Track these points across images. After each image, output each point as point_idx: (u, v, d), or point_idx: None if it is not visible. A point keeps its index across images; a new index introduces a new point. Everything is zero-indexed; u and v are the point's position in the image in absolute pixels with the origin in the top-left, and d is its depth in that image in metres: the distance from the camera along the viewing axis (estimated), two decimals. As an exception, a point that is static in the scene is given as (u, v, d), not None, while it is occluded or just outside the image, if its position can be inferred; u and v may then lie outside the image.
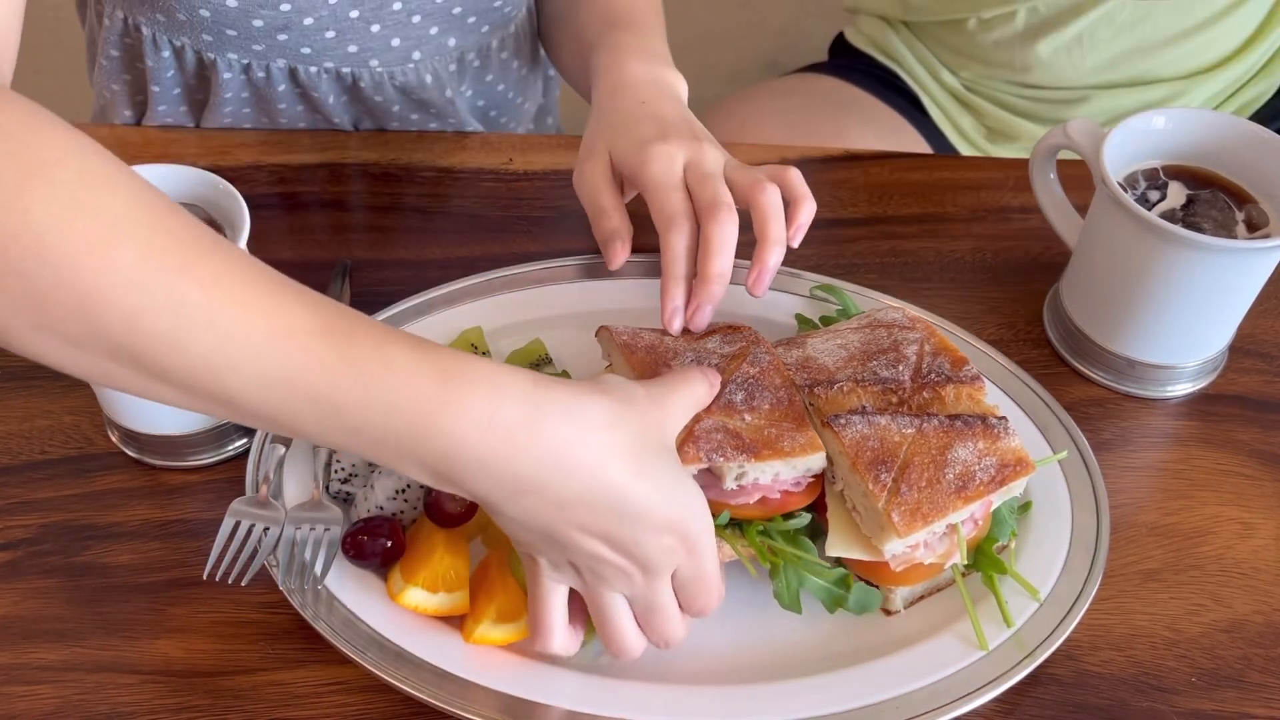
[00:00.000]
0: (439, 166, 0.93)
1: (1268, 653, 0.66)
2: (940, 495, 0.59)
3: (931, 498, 0.59)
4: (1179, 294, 0.74)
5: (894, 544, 0.60)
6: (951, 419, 0.61)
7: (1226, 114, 0.77)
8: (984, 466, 0.60)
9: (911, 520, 0.58)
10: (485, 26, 0.95)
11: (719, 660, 0.64)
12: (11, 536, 0.68)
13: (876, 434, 0.60)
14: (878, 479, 0.59)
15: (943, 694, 0.61)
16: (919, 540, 0.60)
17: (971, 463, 0.60)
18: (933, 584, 0.66)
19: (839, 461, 0.61)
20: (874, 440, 0.60)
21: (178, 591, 0.66)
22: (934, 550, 0.62)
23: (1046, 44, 1.14)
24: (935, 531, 0.60)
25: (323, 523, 0.66)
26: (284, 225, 0.87)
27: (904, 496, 0.59)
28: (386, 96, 0.94)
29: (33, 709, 0.61)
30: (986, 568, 0.64)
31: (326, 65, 0.90)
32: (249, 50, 0.89)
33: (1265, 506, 0.73)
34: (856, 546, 0.61)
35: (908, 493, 0.59)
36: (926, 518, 0.59)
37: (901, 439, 0.60)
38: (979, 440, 0.60)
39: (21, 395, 0.75)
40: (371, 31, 0.89)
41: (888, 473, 0.59)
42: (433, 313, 0.78)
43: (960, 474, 0.60)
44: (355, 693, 0.62)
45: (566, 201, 0.90)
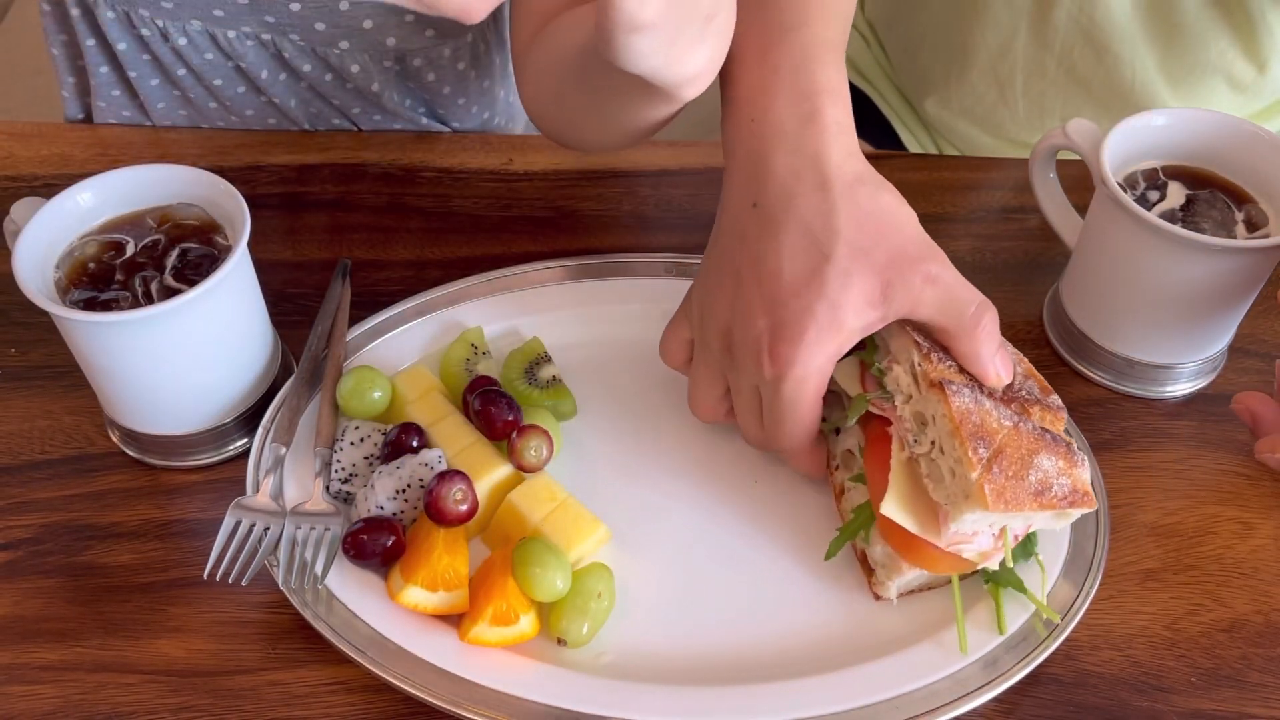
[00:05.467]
0: (439, 166, 0.93)
1: (1267, 652, 0.66)
2: (1022, 491, 0.59)
3: (1015, 490, 0.59)
4: (1179, 294, 0.74)
5: (972, 517, 0.59)
6: (1042, 430, 0.62)
7: (1226, 114, 0.77)
8: (1060, 483, 0.60)
9: (998, 500, 0.58)
10: (429, 30, 0.92)
11: (719, 660, 0.64)
12: (11, 536, 0.68)
13: (980, 412, 0.60)
14: (976, 451, 0.59)
15: (942, 694, 0.61)
16: (987, 525, 0.61)
17: (1051, 475, 0.60)
18: (930, 580, 0.66)
19: (939, 425, 0.61)
20: (976, 417, 0.60)
21: (178, 591, 0.66)
22: (981, 545, 0.62)
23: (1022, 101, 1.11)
24: (1003, 523, 0.61)
25: (323, 522, 0.66)
26: (284, 225, 0.87)
27: (995, 476, 0.58)
28: (316, 68, 0.92)
29: (33, 709, 0.61)
30: (1002, 581, 0.65)
31: (244, 29, 0.89)
32: (158, 6, 0.87)
33: (1265, 506, 0.73)
34: (912, 516, 0.61)
35: (999, 475, 0.59)
36: (1009, 504, 0.59)
37: (999, 427, 0.60)
38: (1060, 459, 0.61)
39: (21, 395, 0.75)
40: (291, 9, 0.88)
41: (986, 449, 0.59)
42: (433, 313, 0.78)
43: (1040, 480, 0.60)
44: (355, 692, 0.62)
45: (567, 201, 0.90)
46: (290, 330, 0.77)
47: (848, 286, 0.60)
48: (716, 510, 0.70)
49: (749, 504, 0.71)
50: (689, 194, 0.91)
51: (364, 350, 0.75)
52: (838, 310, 0.60)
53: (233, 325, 0.69)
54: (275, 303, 0.75)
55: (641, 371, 0.77)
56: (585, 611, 0.63)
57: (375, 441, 0.69)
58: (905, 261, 0.60)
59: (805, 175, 0.61)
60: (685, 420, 0.74)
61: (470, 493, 0.65)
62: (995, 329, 0.62)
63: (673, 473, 0.72)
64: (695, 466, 0.72)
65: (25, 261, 0.64)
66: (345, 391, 0.71)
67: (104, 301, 0.66)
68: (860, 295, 0.60)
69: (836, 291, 0.60)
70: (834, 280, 0.60)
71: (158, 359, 0.66)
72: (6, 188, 0.89)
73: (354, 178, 0.91)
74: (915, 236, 0.62)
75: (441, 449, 0.68)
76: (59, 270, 0.67)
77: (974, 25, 1.06)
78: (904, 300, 0.61)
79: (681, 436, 0.74)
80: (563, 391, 0.74)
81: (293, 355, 0.76)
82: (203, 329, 0.66)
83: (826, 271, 0.60)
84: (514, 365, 0.74)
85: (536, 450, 0.67)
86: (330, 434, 0.70)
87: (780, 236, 0.61)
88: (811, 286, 0.60)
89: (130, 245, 0.68)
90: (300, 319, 0.78)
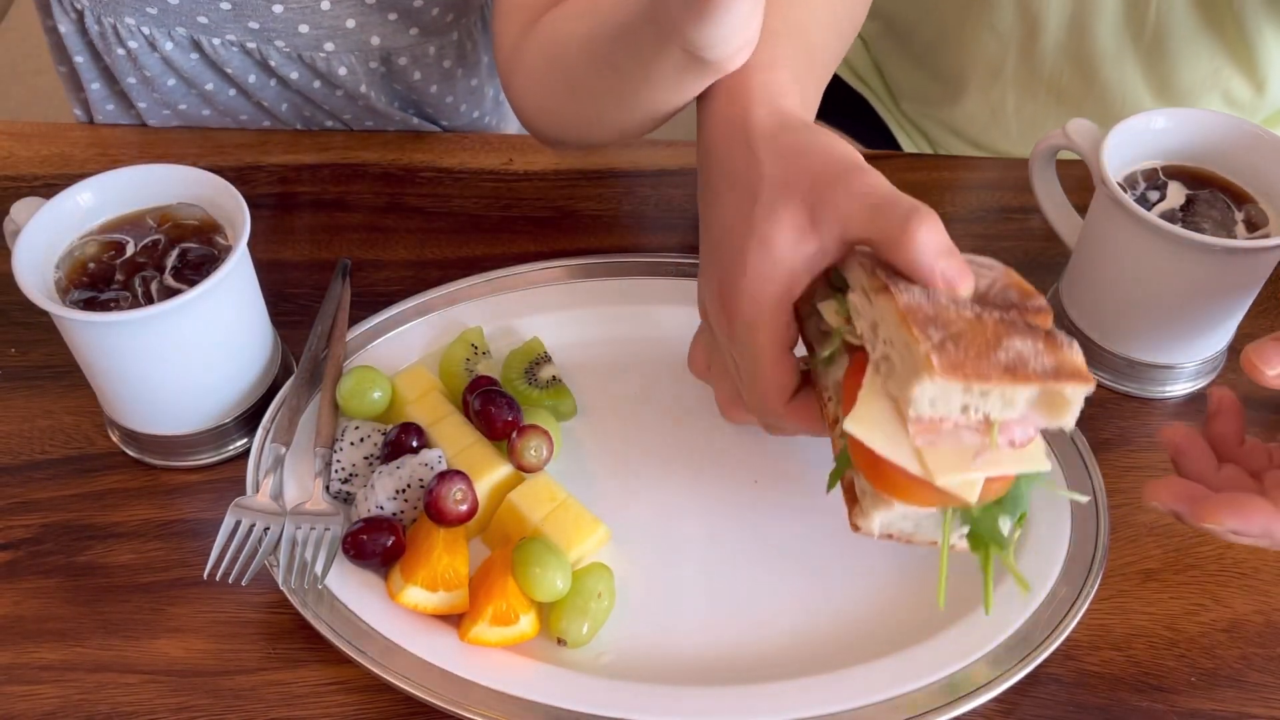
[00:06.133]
0: (439, 166, 0.93)
1: (1267, 652, 0.66)
2: (986, 364, 0.51)
3: (977, 363, 0.51)
4: (1179, 294, 0.74)
5: (927, 391, 0.51)
6: (1019, 322, 0.54)
7: (1226, 114, 0.77)
8: (1040, 361, 0.52)
9: (952, 369, 0.50)
10: (414, 29, 0.92)
11: (719, 660, 0.64)
12: (11, 536, 0.68)
13: (933, 306, 0.53)
14: (925, 332, 0.52)
15: (943, 694, 0.61)
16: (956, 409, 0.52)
17: (1027, 355, 0.52)
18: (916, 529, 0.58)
19: (886, 323, 0.54)
20: (929, 309, 0.53)
21: (178, 591, 0.66)
22: (960, 437, 0.54)
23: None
24: (971, 402, 0.52)
25: (323, 522, 0.66)
26: (284, 225, 0.87)
27: (948, 351, 0.51)
28: (303, 75, 0.92)
29: (33, 709, 0.61)
30: (982, 540, 0.57)
31: (229, 39, 0.89)
32: (144, 14, 0.87)
33: (1265, 506, 0.73)
34: (879, 429, 0.54)
35: (954, 351, 0.51)
36: (968, 374, 0.51)
37: (958, 318, 0.53)
38: (1039, 342, 0.53)
39: (21, 395, 0.75)
40: (274, 12, 0.88)
41: (938, 331, 0.52)
42: (432, 313, 0.78)
43: (1013, 359, 0.52)
44: (355, 692, 0.62)
45: (566, 201, 0.90)
46: (290, 330, 0.77)
47: (775, 220, 0.57)
48: (716, 510, 0.70)
49: (749, 504, 0.71)
50: (689, 194, 0.91)
51: (364, 350, 0.75)
52: (770, 247, 0.57)
53: (233, 325, 0.69)
54: (275, 303, 0.75)
55: (641, 371, 0.77)
56: (585, 611, 0.63)
57: (375, 441, 0.69)
58: (828, 181, 0.57)
59: (734, 141, 0.61)
60: (685, 420, 0.74)
61: (470, 493, 0.65)
62: (934, 235, 0.55)
63: (673, 473, 0.72)
64: (695, 466, 0.72)
65: (25, 261, 0.64)
66: (345, 391, 0.71)
67: (104, 301, 0.66)
68: (790, 227, 0.57)
69: (765, 228, 0.57)
70: (761, 218, 0.58)
71: (158, 359, 0.66)
72: (6, 188, 0.89)
73: (354, 177, 0.91)
74: (841, 156, 0.58)
75: (441, 449, 0.68)
76: (59, 270, 0.67)
77: (964, 51, 1.06)
78: (833, 221, 0.57)
79: (681, 436, 0.74)
80: (563, 391, 0.74)
81: (293, 355, 0.76)
82: (203, 329, 0.66)
83: (754, 212, 0.58)
84: (514, 365, 0.74)
85: (536, 450, 0.68)
86: (330, 434, 0.70)
87: (719, 201, 0.61)
88: (740, 230, 0.58)
89: (130, 245, 0.68)
90: (300, 319, 0.78)
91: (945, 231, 0.55)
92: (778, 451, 0.73)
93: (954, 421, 0.53)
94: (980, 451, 0.54)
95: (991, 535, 0.57)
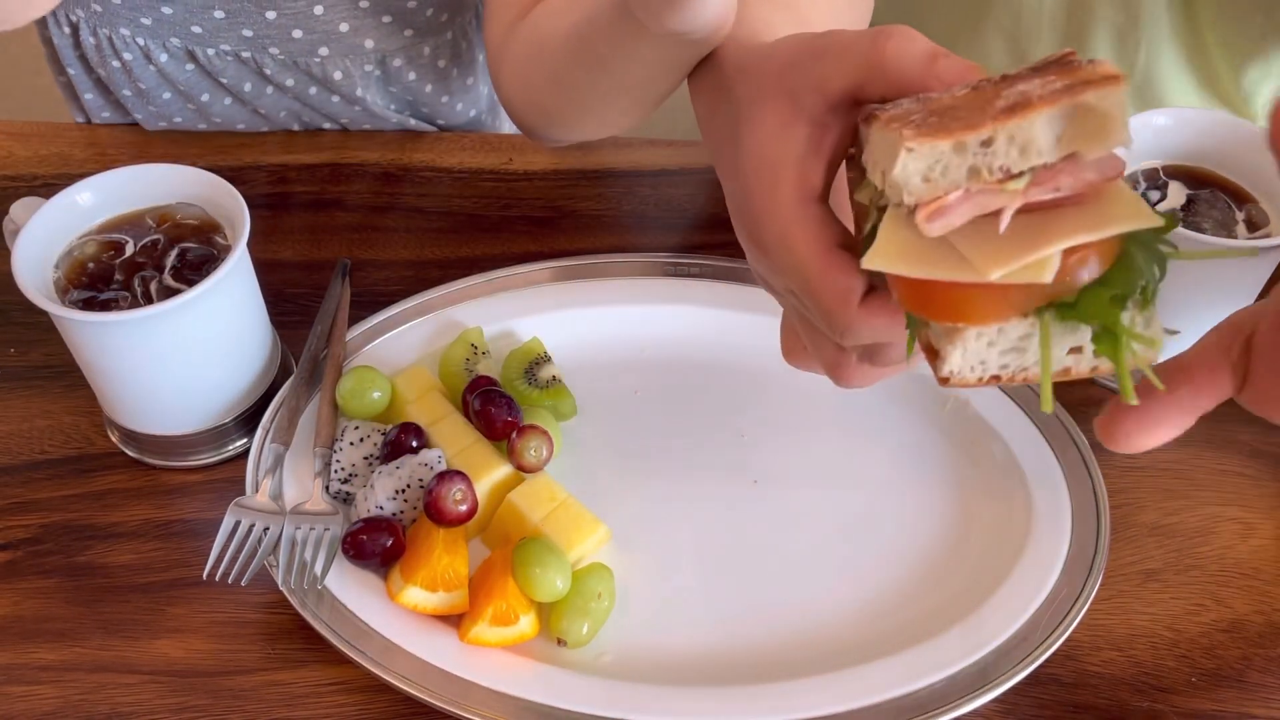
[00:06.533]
0: (438, 166, 0.93)
1: (1268, 653, 0.66)
2: (979, 116, 0.41)
3: (968, 118, 0.41)
4: (1179, 294, 0.73)
5: (904, 165, 0.42)
6: (1022, 73, 0.44)
7: (1226, 114, 0.77)
8: (1049, 88, 0.41)
9: (929, 132, 0.41)
10: (408, 30, 0.92)
11: (719, 660, 0.64)
12: (11, 536, 0.68)
13: (922, 105, 0.45)
14: (907, 121, 0.43)
15: (943, 694, 0.61)
16: (945, 169, 0.42)
17: (1033, 90, 0.41)
18: (1017, 359, 0.46)
19: (878, 149, 0.46)
20: (917, 109, 0.44)
21: (178, 591, 0.66)
22: (977, 202, 0.42)
23: None
24: (978, 162, 0.42)
25: (323, 523, 0.66)
26: (284, 225, 0.87)
27: (931, 124, 0.42)
28: (299, 81, 0.92)
29: (33, 709, 0.61)
30: (1088, 315, 0.43)
31: (224, 48, 0.89)
32: (138, 25, 0.87)
33: (1265, 506, 0.73)
34: (902, 255, 0.44)
35: (938, 121, 0.42)
36: (953, 131, 0.41)
37: (951, 100, 0.44)
38: (1049, 75, 0.42)
39: (21, 395, 0.75)
40: (266, 18, 0.87)
41: (921, 115, 0.43)
42: (432, 313, 0.78)
43: (1014, 99, 0.41)
44: (355, 693, 0.62)
45: (566, 201, 0.90)
46: (290, 330, 0.77)
47: (759, 124, 0.53)
48: (716, 510, 0.70)
49: (749, 504, 0.71)
50: (689, 194, 0.91)
51: (363, 350, 0.75)
52: (761, 152, 0.52)
53: (232, 325, 0.69)
54: (275, 303, 0.75)
55: (641, 371, 0.77)
56: (585, 611, 0.63)
57: (375, 441, 0.69)
58: (794, 61, 0.52)
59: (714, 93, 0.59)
60: (685, 420, 0.74)
61: (470, 493, 0.64)
62: (909, 43, 0.48)
63: (673, 473, 0.72)
64: (695, 466, 0.72)
65: (25, 261, 0.64)
66: (345, 391, 0.71)
67: (103, 301, 0.66)
68: (773, 122, 0.52)
69: (751, 138, 0.53)
70: (746, 134, 0.53)
71: (157, 359, 0.66)
72: (6, 188, 0.89)
73: (354, 177, 0.91)
74: (803, 37, 0.53)
75: (441, 449, 0.68)
76: (58, 270, 0.67)
77: None
78: (809, 91, 0.51)
79: (681, 436, 0.74)
80: (563, 391, 0.74)
81: (292, 355, 0.76)
82: (202, 329, 0.66)
83: (740, 129, 0.54)
84: (513, 365, 0.74)
85: (536, 450, 0.67)
86: (330, 434, 0.70)
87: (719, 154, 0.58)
88: (734, 157, 0.54)
89: (130, 245, 0.68)
90: (300, 319, 0.78)
91: (923, 37, 0.48)
92: (778, 451, 0.73)
93: (966, 191, 0.42)
94: (1014, 203, 0.42)
95: (1104, 319, 0.44)
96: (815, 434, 0.74)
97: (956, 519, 0.70)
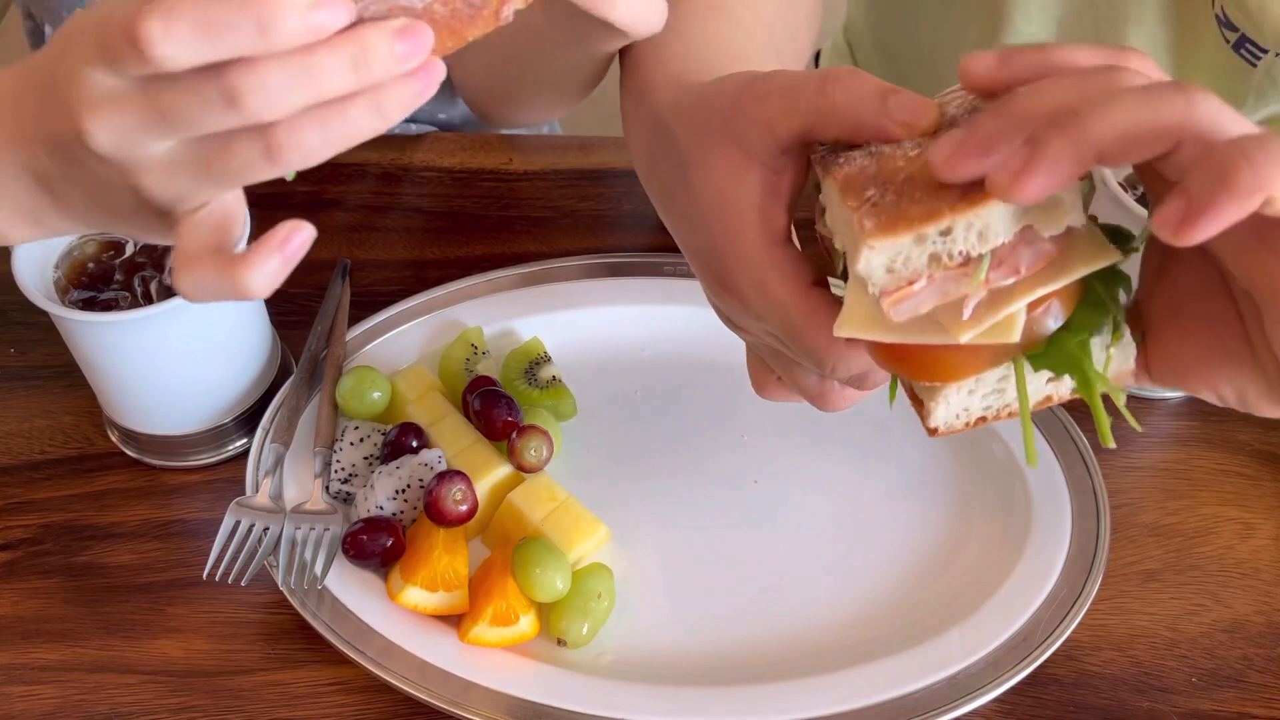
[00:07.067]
0: (439, 166, 0.92)
1: (1268, 653, 0.66)
2: (937, 200, 0.41)
3: (926, 203, 0.41)
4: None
5: (867, 259, 0.42)
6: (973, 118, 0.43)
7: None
8: None
9: (888, 225, 0.41)
10: None
11: (719, 660, 0.64)
12: (11, 536, 0.68)
13: (876, 163, 0.44)
14: (862, 195, 0.43)
15: (943, 694, 0.61)
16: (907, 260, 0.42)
17: None
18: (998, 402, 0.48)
19: (833, 206, 0.46)
20: (872, 169, 0.44)
21: (178, 591, 0.66)
22: (942, 290, 0.43)
23: None
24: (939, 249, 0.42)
25: (323, 523, 0.66)
26: (284, 225, 0.87)
27: (886, 206, 0.42)
28: None
29: (33, 709, 0.61)
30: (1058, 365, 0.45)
31: None
32: None
33: (1266, 506, 0.73)
34: (875, 320, 0.45)
35: (894, 202, 0.42)
36: (912, 222, 0.41)
37: (906, 162, 0.43)
38: None
39: (21, 395, 0.75)
40: None
41: (878, 189, 0.43)
42: (432, 312, 0.78)
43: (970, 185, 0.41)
44: (355, 693, 0.62)
45: (567, 201, 0.90)
46: (290, 330, 0.77)
47: (710, 172, 0.52)
48: (716, 510, 0.70)
49: (749, 504, 0.71)
50: (689, 194, 0.91)
51: (363, 350, 0.75)
52: (719, 199, 0.51)
53: (232, 325, 0.69)
54: (275, 303, 0.75)
55: (641, 371, 0.77)
56: (585, 612, 0.63)
57: (375, 442, 0.69)
58: (737, 106, 0.51)
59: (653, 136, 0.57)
60: (685, 420, 0.74)
61: (470, 493, 0.64)
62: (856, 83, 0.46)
63: (673, 473, 0.72)
64: (695, 466, 0.72)
65: (25, 261, 0.64)
66: (345, 391, 0.71)
67: (103, 301, 0.66)
68: (725, 169, 0.51)
69: (705, 186, 0.52)
70: (698, 181, 0.52)
71: (157, 359, 0.66)
72: (6, 187, 0.89)
73: (354, 177, 0.91)
74: (739, 79, 0.52)
75: (441, 449, 0.68)
76: (58, 270, 0.67)
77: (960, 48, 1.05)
78: (758, 134, 0.50)
79: (681, 436, 0.74)
80: (563, 391, 0.74)
81: (292, 355, 0.76)
82: (202, 329, 0.66)
83: (690, 180, 0.53)
84: (513, 365, 0.74)
85: (536, 450, 0.67)
86: (330, 434, 0.70)
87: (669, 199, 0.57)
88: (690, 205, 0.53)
89: (129, 245, 0.68)
90: (300, 319, 0.78)
91: (870, 76, 0.47)
92: (778, 452, 0.73)
93: (930, 278, 0.43)
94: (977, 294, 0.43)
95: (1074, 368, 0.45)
96: (815, 434, 0.74)
97: (957, 519, 0.70)
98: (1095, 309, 0.45)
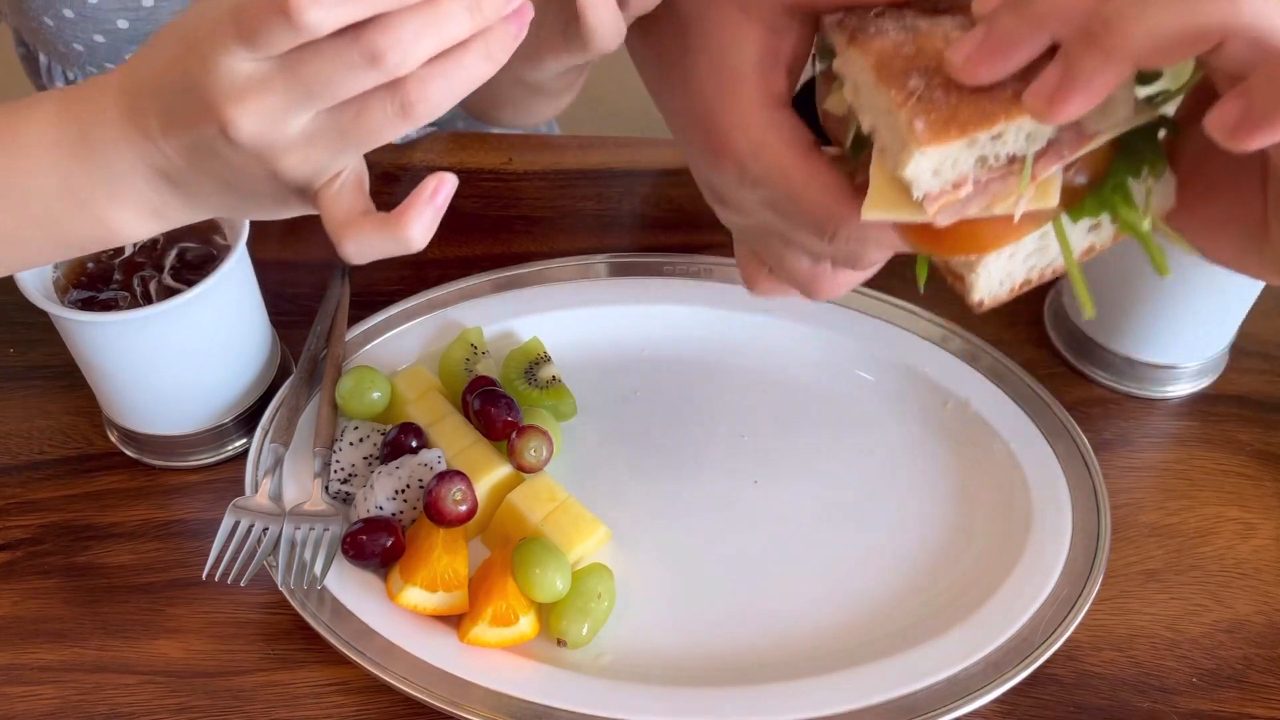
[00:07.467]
0: (439, 167, 0.92)
1: (1269, 653, 0.66)
2: (988, 101, 0.40)
3: (977, 103, 0.40)
4: (1179, 294, 0.73)
5: (916, 164, 0.41)
6: None
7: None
8: None
9: (942, 128, 0.40)
10: None
11: (719, 660, 0.64)
12: (11, 536, 0.68)
13: (914, 41, 0.43)
14: (904, 85, 0.41)
15: (943, 694, 0.61)
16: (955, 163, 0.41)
17: None
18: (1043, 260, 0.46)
19: (864, 85, 0.44)
20: (910, 48, 0.42)
21: (177, 591, 0.66)
22: (989, 193, 0.42)
23: None
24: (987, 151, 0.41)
25: (322, 523, 0.66)
26: (284, 225, 0.87)
27: (936, 103, 0.41)
28: None
29: (32, 709, 0.61)
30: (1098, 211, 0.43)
31: None
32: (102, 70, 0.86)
33: (1266, 506, 0.73)
34: (900, 203, 0.43)
35: (943, 99, 0.41)
36: (965, 126, 0.40)
37: (946, 44, 0.42)
38: None
39: (21, 395, 0.75)
40: None
41: (920, 77, 0.42)
42: (432, 313, 0.78)
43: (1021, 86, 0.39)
44: (355, 693, 0.62)
45: (567, 201, 0.90)
46: (290, 330, 0.77)
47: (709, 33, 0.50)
48: (716, 510, 0.70)
49: (749, 504, 0.71)
50: (689, 194, 0.91)
51: (363, 350, 0.75)
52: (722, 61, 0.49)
53: (232, 325, 0.69)
54: (275, 303, 0.75)
55: (641, 371, 0.77)
56: (585, 612, 0.63)
57: (374, 442, 0.69)
58: None
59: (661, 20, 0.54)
60: (685, 420, 0.74)
61: (470, 493, 0.64)
62: None
63: (673, 473, 0.72)
64: (695, 466, 0.72)
65: (24, 261, 0.64)
66: (344, 391, 0.71)
67: (103, 301, 0.66)
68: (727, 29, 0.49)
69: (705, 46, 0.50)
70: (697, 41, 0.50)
71: (157, 359, 0.66)
72: (6, 187, 0.89)
73: (354, 177, 0.91)
74: None
75: (441, 449, 0.68)
76: (58, 270, 0.67)
77: None
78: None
79: (681, 436, 0.74)
80: (563, 391, 0.74)
81: (292, 355, 0.76)
82: (202, 329, 0.66)
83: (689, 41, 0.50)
84: (513, 365, 0.74)
85: (536, 450, 0.67)
86: (329, 434, 0.70)
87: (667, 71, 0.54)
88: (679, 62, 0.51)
89: (129, 245, 0.68)
90: (300, 319, 0.78)
91: None
92: (778, 452, 0.73)
93: (977, 184, 0.42)
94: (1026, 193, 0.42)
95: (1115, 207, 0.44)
96: (815, 434, 0.74)
97: (957, 519, 0.70)
98: (1131, 156, 0.43)
